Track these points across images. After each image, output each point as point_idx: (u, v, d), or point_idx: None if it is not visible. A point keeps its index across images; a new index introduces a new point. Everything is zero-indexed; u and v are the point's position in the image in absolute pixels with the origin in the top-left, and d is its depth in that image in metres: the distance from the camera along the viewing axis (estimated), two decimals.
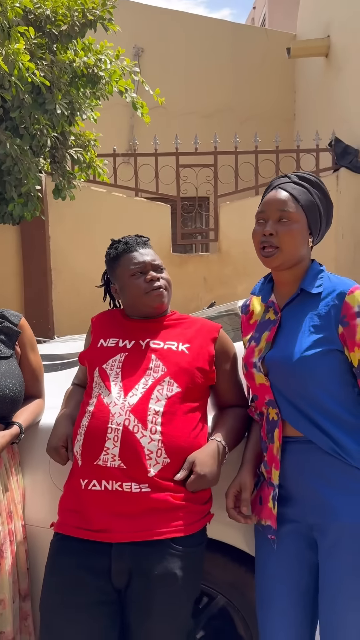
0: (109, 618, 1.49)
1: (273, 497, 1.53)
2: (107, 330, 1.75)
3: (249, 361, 1.59)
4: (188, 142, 5.74)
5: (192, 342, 1.68)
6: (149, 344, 1.66)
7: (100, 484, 1.49)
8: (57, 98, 3.29)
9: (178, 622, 1.51)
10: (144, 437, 1.49)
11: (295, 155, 5.75)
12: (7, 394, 1.71)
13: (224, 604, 1.89)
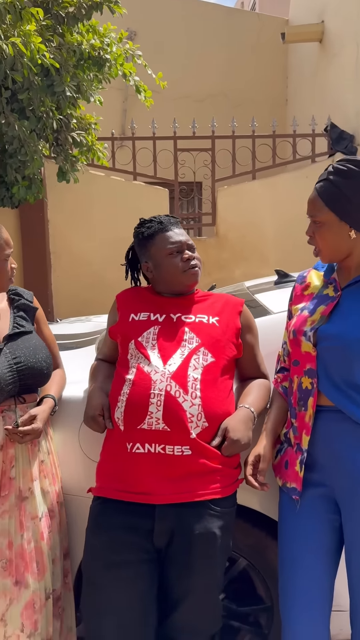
0: (149, 576, 1.58)
1: (301, 461, 1.63)
2: (135, 305, 1.82)
3: (300, 329, 1.67)
4: (181, 126, 5.77)
5: (221, 315, 1.77)
6: (181, 317, 1.75)
7: (144, 447, 1.57)
8: (66, 80, 3.32)
9: (215, 578, 1.61)
10: (185, 402, 1.59)
11: (291, 139, 5.80)
12: (43, 366, 1.78)
13: (244, 567, 2.00)
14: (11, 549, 1.66)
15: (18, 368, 1.73)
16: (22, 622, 1.64)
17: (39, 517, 1.72)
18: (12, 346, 1.75)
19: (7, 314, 1.84)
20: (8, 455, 1.70)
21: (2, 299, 1.87)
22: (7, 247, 1.77)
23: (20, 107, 3.48)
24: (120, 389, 1.67)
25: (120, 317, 1.83)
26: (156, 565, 1.60)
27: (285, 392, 1.82)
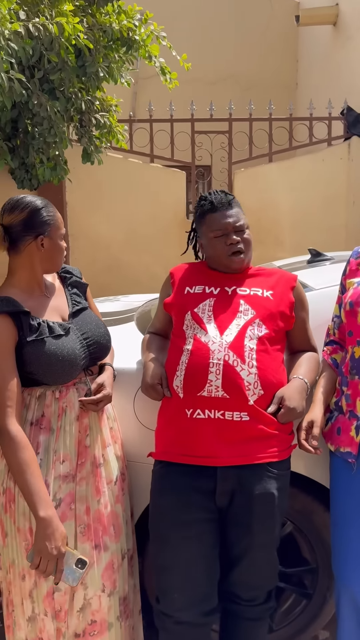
0: (213, 534, 1.68)
1: (356, 427, 1.71)
2: (190, 279, 1.89)
3: (357, 301, 1.75)
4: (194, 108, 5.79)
5: (275, 289, 1.84)
6: (236, 290, 1.81)
7: (204, 412, 1.65)
8: (99, 61, 3.35)
9: (273, 536, 1.70)
10: (243, 370, 1.66)
11: (308, 122, 5.83)
12: (106, 340, 1.86)
13: (291, 530, 2.09)
14: (89, 514, 1.72)
15: (88, 343, 1.79)
16: (103, 583, 1.71)
17: (113, 482, 1.80)
18: (77, 323, 1.81)
19: (62, 293, 1.88)
20: (83, 424, 1.76)
21: (54, 278, 1.91)
22: (62, 225, 1.80)
23: (50, 87, 3.51)
24: (179, 359, 1.74)
25: (176, 290, 1.89)
26: (218, 525, 1.69)
27: (334, 363, 1.89)
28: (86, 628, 1.71)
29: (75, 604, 1.69)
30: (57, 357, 1.69)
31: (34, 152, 3.99)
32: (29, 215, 1.73)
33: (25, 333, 1.68)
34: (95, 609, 1.71)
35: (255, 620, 1.78)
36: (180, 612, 1.65)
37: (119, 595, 1.76)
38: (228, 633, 1.81)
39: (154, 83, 4.23)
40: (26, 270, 1.77)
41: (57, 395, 1.74)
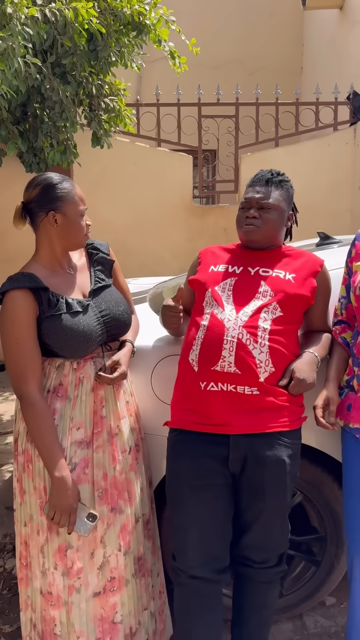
0: (227, 498, 1.76)
1: None
2: (216, 258, 1.96)
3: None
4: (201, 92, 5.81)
5: (298, 272, 1.88)
6: (259, 271, 1.87)
7: (217, 385, 1.73)
8: (111, 45, 3.39)
9: (284, 501, 1.79)
10: (255, 349, 1.73)
11: (314, 107, 5.86)
12: (125, 317, 1.92)
13: (301, 500, 2.18)
14: (106, 479, 1.82)
15: (105, 320, 1.85)
16: (119, 543, 1.82)
17: (127, 451, 1.88)
18: (97, 300, 1.87)
19: (86, 269, 1.94)
20: (98, 396, 1.85)
21: (82, 255, 1.96)
22: (81, 203, 1.83)
23: (62, 72, 3.55)
24: (196, 334, 1.81)
25: (201, 268, 1.96)
26: (232, 490, 1.78)
27: (344, 342, 1.97)
28: (106, 585, 1.81)
29: (95, 561, 1.80)
30: (73, 333, 1.76)
31: (42, 136, 4.03)
32: (42, 191, 1.78)
33: (44, 308, 1.75)
34: (113, 567, 1.82)
35: (267, 583, 1.87)
36: (194, 569, 1.74)
37: (133, 554, 1.86)
38: (241, 596, 1.90)
39: (159, 67, 4.27)
40: (46, 247, 1.83)
41: (74, 366, 1.82)
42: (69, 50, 3.26)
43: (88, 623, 1.82)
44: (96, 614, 1.82)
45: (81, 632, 1.81)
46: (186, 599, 1.78)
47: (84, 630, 1.81)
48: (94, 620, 1.82)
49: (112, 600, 1.82)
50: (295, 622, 2.31)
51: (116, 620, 1.83)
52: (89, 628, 1.82)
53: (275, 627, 2.28)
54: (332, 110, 5.89)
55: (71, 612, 1.81)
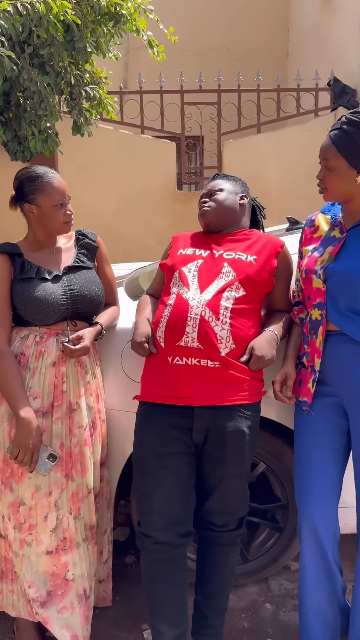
0: (190, 466, 1.89)
1: (313, 380, 1.92)
2: (185, 243, 2.11)
3: (311, 268, 1.92)
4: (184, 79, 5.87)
5: (259, 254, 2.01)
6: (222, 254, 2.00)
7: (182, 360, 1.86)
8: (87, 36, 3.47)
9: (244, 468, 1.92)
10: (216, 326, 1.86)
11: (295, 93, 5.93)
12: (93, 297, 2.05)
13: (263, 470, 2.31)
14: (62, 449, 1.97)
15: (72, 294, 2.00)
16: (70, 507, 1.98)
17: (83, 427, 2.02)
18: (70, 276, 2.04)
19: (71, 251, 2.12)
20: (60, 371, 1.99)
21: (70, 239, 2.15)
22: (58, 195, 1.99)
23: (40, 62, 3.62)
24: (163, 312, 1.95)
25: (171, 252, 2.11)
26: (195, 459, 1.91)
27: (301, 322, 2.09)
28: (58, 544, 1.97)
29: (48, 524, 1.95)
30: (37, 297, 1.95)
31: (26, 124, 4.12)
32: (19, 185, 2.02)
33: (17, 272, 2.00)
34: (65, 527, 1.98)
35: (228, 545, 2.01)
36: (158, 532, 1.87)
37: (84, 521, 2.02)
38: (204, 558, 2.04)
39: (146, 53, 4.31)
40: (30, 230, 2.08)
41: (37, 339, 1.99)
42: (46, 41, 3.34)
43: (39, 575, 1.97)
44: (47, 569, 1.98)
45: (32, 582, 1.97)
46: (152, 563, 1.91)
47: (34, 581, 1.97)
48: (45, 574, 1.98)
49: (63, 559, 1.98)
50: (261, 585, 2.46)
51: (68, 577, 1.99)
52: (40, 580, 1.97)
53: (242, 590, 2.43)
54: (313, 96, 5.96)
55: (22, 564, 1.97)
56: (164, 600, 1.91)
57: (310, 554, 1.98)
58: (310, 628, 2.03)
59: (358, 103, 5.81)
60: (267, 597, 2.41)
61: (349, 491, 2.01)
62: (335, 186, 1.85)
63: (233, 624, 2.27)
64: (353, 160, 1.81)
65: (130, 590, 2.43)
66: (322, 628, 2.04)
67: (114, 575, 2.44)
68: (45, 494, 1.94)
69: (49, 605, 1.97)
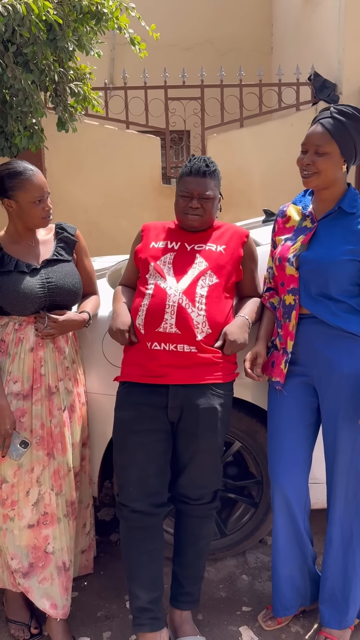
0: (165, 442, 2.02)
1: (286, 361, 2.05)
2: (157, 235, 2.20)
3: (284, 256, 2.04)
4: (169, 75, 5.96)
5: (228, 244, 2.14)
6: (194, 247, 2.12)
7: (160, 345, 1.98)
8: (68, 35, 3.56)
9: (216, 444, 2.05)
10: (193, 312, 1.98)
11: (277, 88, 6.04)
12: (70, 289, 2.14)
13: (239, 449, 2.44)
14: (43, 429, 2.09)
15: (49, 286, 2.09)
16: (52, 484, 2.10)
17: (62, 409, 2.13)
18: (48, 269, 2.12)
19: (51, 244, 2.20)
20: (38, 356, 2.10)
21: (50, 232, 2.23)
22: (36, 191, 2.05)
23: (24, 60, 3.71)
24: (141, 301, 2.06)
25: (143, 244, 2.20)
26: (170, 436, 2.03)
27: (272, 306, 2.22)
28: (39, 518, 2.09)
29: (30, 499, 2.08)
30: (14, 289, 2.04)
31: (12, 121, 4.20)
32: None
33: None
34: (47, 503, 2.09)
35: (203, 517, 2.13)
36: (135, 502, 2.00)
37: (65, 498, 2.14)
38: (180, 530, 2.16)
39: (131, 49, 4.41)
40: (10, 223, 2.16)
41: (16, 327, 2.10)
42: (29, 40, 3.43)
43: (21, 548, 2.10)
44: (29, 542, 2.10)
45: (14, 554, 2.10)
46: (129, 530, 2.04)
47: (17, 554, 2.10)
48: (27, 547, 2.10)
49: (44, 532, 2.10)
50: (238, 559, 2.60)
51: (48, 550, 2.11)
52: (22, 552, 2.10)
53: (220, 563, 2.57)
54: (294, 91, 6.07)
55: (5, 538, 2.10)
56: (139, 565, 2.04)
57: (282, 522, 2.12)
58: (282, 593, 2.17)
59: (338, 97, 5.93)
60: (243, 569, 2.54)
61: (321, 467, 2.14)
62: (327, 170, 1.94)
63: (211, 593, 2.40)
64: (344, 149, 1.92)
65: (114, 566, 2.56)
66: (293, 594, 2.18)
67: (99, 551, 2.57)
68: (27, 471, 2.06)
69: (30, 576, 2.11)
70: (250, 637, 2.17)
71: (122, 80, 5.90)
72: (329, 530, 2.10)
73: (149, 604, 2.03)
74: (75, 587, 2.39)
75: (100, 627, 2.23)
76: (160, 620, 2.05)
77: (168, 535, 2.32)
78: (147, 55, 4.37)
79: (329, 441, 2.03)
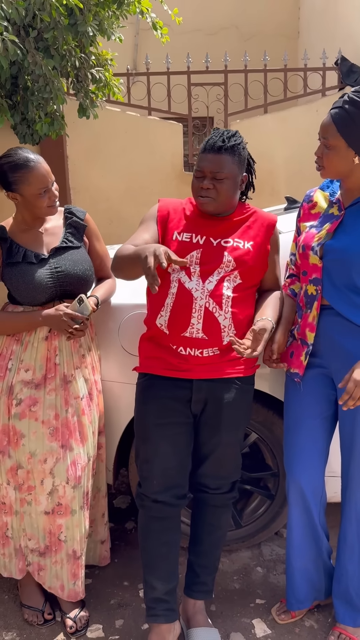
0: (187, 435, 1.99)
1: (306, 353, 1.99)
2: (178, 222, 2.01)
3: (308, 244, 1.97)
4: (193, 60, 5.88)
5: (255, 239, 2.01)
6: (220, 242, 1.97)
7: (186, 350, 1.93)
8: (89, 20, 3.52)
9: (237, 436, 2.04)
10: (220, 316, 1.92)
11: (302, 73, 5.92)
12: (80, 275, 2.12)
13: (255, 440, 2.41)
14: (57, 419, 2.07)
15: (58, 275, 2.07)
16: (67, 477, 2.07)
17: (80, 397, 2.12)
18: (57, 257, 2.10)
19: (60, 231, 2.17)
20: (52, 345, 2.09)
21: (59, 217, 2.20)
22: (39, 183, 2.01)
23: (45, 46, 3.69)
24: (163, 300, 1.96)
25: (163, 231, 2.00)
26: (192, 428, 2.01)
27: (292, 293, 2.16)
28: (54, 508, 2.09)
29: (45, 488, 2.07)
30: (24, 280, 2.03)
31: (33, 107, 4.19)
32: (1, 175, 2.03)
33: (4, 256, 2.07)
34: (60, 495, 2.07)
35: (221, 507, 2.11)
36: (157, 494, 1.99)
37: (82, 489, 2.12)
38: (197, 519, 2.14)
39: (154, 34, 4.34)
40: (18, 212, 2.13)
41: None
42: (49, 25, 3.40)
43: (39, 531, 2.11)
44: (45, 527, 2.11)
45: (32, 535, 2.12)
46: (149, 520, 2.03)
47: (35, 534, 2.11)
48: (44, 531, 2.11)
49: (58, 522, 2.10)
50: (254, 551, 2.58)
51: (61, 538, 2.12)
52: (40, 535, 2.11)
53: (235, 554, 2.55)
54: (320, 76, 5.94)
55: (23, 520, 2.11)
56: (158, 556, 2.03)
57: (297, 515, 2.09)
58: (296, 587, 2.14)
59: None
60: (258, 561, 2.52)
61: (338, 460, 2.10)
62: (332, 165, 1.87)
63: (225, 585, 2.39)
64: (352, 141, 1.81)
65: (129, 554, 2.56)
66: (307, 587, 2.15)
67: (114, 539, 2.57)
68: (40, 461, 2.05)
69: (46, 556, 2.14)
70: (264, 630, 2.15)
71: (145, 66, 5.83)
72: (342, 526, 2.06)
73: (164, 595, 2.02)
74: (89, 575, 2.40)
75: (113, 615, 2.23)
76: (174, 612, 2.04)
77: (184, 526, 2.30)
78: (169, 40, 4.31)
79: (346, 434, 1.99)
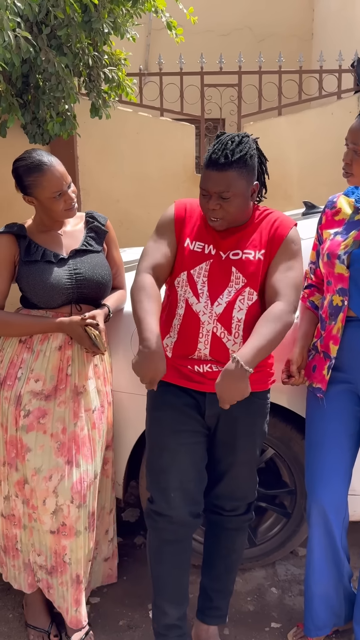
0: (203, 447, 1.88)
1: (329, 366, 1.89)
2: (192, 228, 1.88)
3: (334, 252, 1.86)
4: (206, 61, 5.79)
5: (267, 247, 1.82)
6: (229, 255, 1.82)
7: (194, 367, 1.83)
8: (104, 17, 3.43)
9: (254, 455, 1.93)
10: (229, 341, 1.80)
11: (318, 75, 5.81)
12: (100, 281, 2.05)
13: (272, 456, 2.31)
14: (65, 433, 1.97)
15: (77, 277, 2.00)
16: (72, 495, 1.95)
17: (91, 410, 2.02)
18: (77, 260, 2.03)
19: (81, 234, 2.11)
20: (65, 355, 1.99)
21: (80, 221, 2.14)
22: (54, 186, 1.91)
23: (58, 43, 3.60)
24: (172, 320, 1.85)
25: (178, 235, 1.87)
26: (207, 441, 1.90)
27: (312, 305, 2.07)
28: (59, 527, 1.98)
29: (47, 507, 1.96)
30: (41, 279, 1.96)
31: (44, 107, 4.11)
32: (16, 179, 1.99)
33: (22, 254, 2.01)
34: (65, 515, 1.96)
35: (236, 529, 2.01)
36: (174, 510, 1.84)
37: (88, 509, 2.01)
38: (211, 541, 2.04)
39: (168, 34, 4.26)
40: (37, 214, 2.07)
41: None
42: (63, 22, 3.31)
43: (47, 548, 2.01)
44: (52, 546, 2.00)
45: (41, 550, 2.03)
46: (161, 544, 1.89)
47: (43, 551, 2.02)
48: (50, 550, 2.01)
49: (63, 542, 1.99)
50: (268, 570, 2.47)
51: (65, 560, 2.01)
52: (47, 552, 2.02)
53: (248, 573, 2.45)
54: (336, 78, 5.84)
55: (32, 535, 2.02)
56: (170, 580, 1.92)
57: (318, 537, 1.98)
58: (314, 612, 2.04)
59: None
60: (273, 581, 2.42)
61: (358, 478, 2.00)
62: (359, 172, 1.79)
63: (238, 606, 2.28)
64: None
65: (138, 571, 2.46)
66: (327, 614, 2.05)
67: (122, 555, 2.48)
68: (45, 478, 1.94)
69: (53, 576, 2.04)
70: None
71: (157, 66, 5.74)
72: None
73: (177, 621, 1.92)
74: (96, 593, 2.30)
75: (122, 637, 2.13)
76: (187, 636, 1.94)
77: (196, 544, 2.20)
78: (183, 40, 4.22)
79: None
